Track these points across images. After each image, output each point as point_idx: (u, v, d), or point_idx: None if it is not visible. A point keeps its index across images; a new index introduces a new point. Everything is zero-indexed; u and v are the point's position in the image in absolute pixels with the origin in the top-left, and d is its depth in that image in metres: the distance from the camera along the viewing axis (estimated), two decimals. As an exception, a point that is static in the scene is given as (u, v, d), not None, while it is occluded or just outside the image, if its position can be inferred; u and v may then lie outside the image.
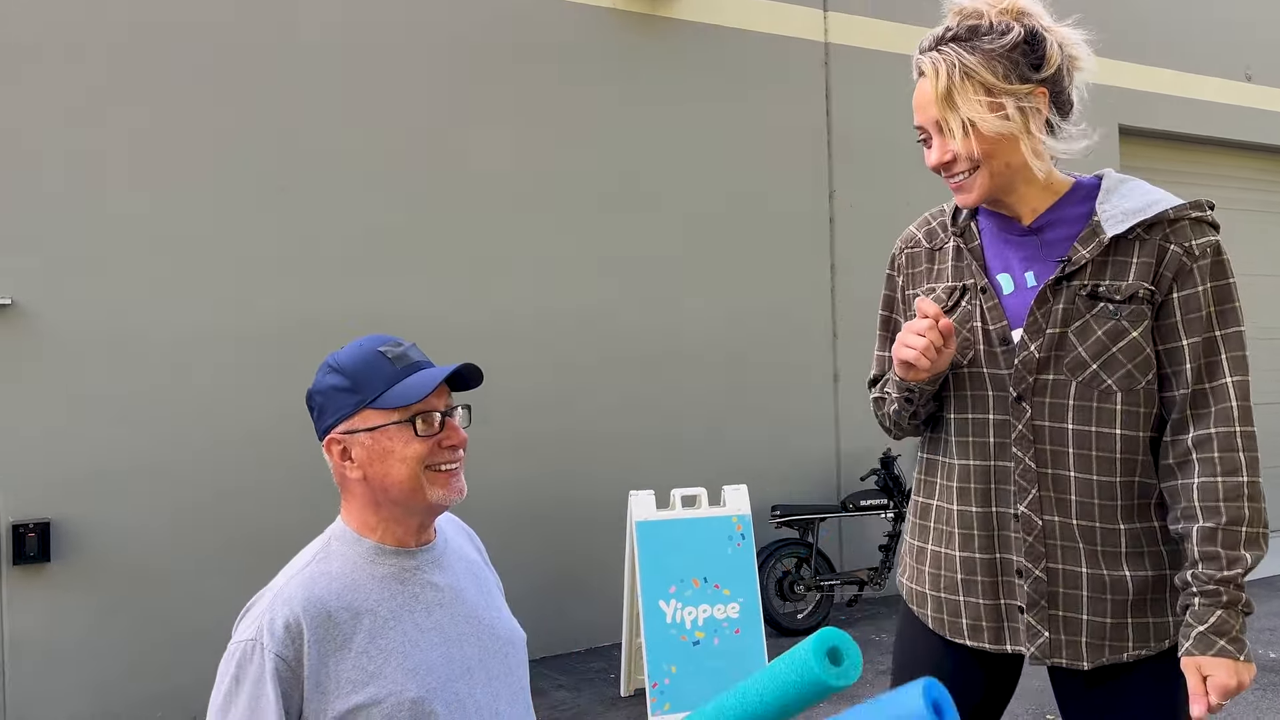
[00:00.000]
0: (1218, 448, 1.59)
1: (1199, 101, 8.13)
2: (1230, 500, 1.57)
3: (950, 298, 1.77)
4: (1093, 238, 1.66)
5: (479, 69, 5.42)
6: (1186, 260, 1.63)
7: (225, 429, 4.76)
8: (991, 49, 1.61)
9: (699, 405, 5.96)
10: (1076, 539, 1.66)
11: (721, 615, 4.55)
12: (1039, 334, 1.66)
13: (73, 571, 4.45)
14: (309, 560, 1.44)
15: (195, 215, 4.76)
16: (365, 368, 1.43)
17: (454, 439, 1.46)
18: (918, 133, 1.71)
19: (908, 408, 1.78)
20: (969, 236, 1.79)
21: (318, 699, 1.32)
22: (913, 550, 1.87)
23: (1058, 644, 1.67)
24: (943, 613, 1.78)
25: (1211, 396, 1.61)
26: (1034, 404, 1.67)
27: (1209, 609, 1.55)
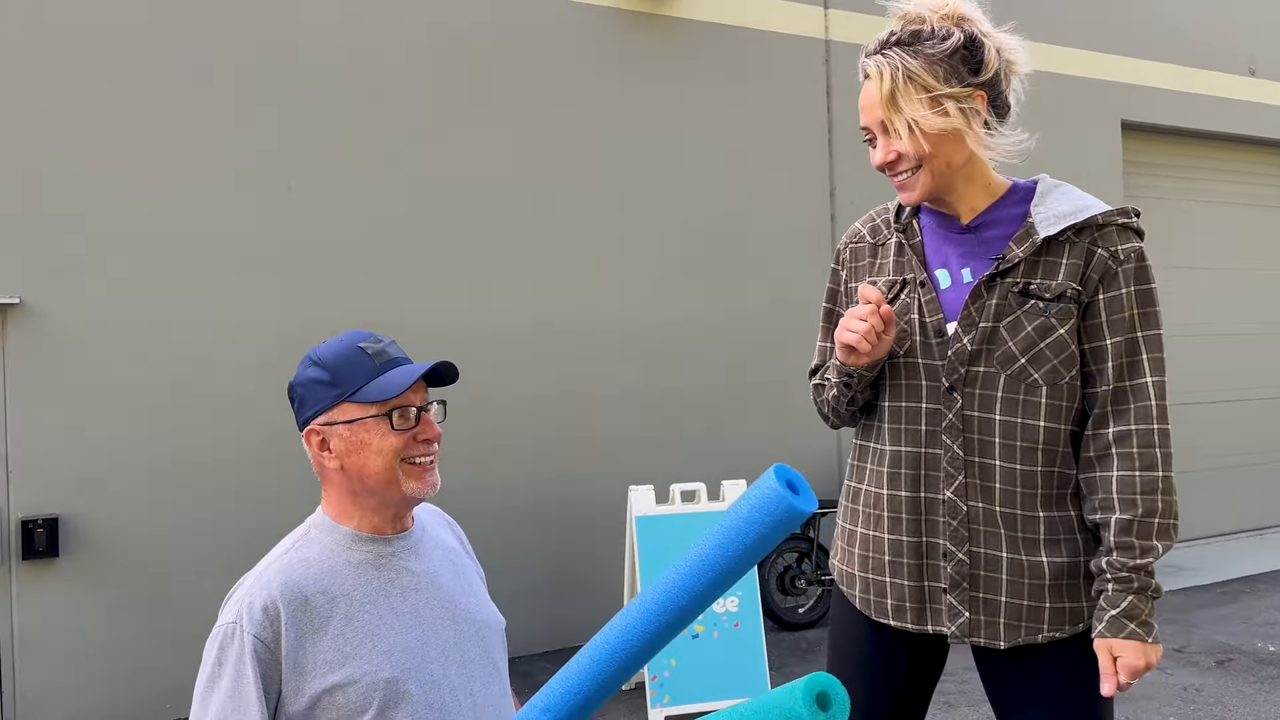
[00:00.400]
0: (1137, 443, 1.68)
1: (1202, 96, 8.13)
2: (1146, 494, 1.67)
3: (890, 291, 1.85)
4: (1026, 238, 1.74)
5: (482, 69, 5.47)
6: (1112, 264, 1.71)
7: (234, 426, 4.82)
8: (933, 53, 1.69)
9: (699, 401, 6.00)
10: (999, 525, 1.74)
11: (721, 609, 4.59)
12: (972, 327, 1.74)
13: (81, 567, 4.52)
14: (288, 547, 1.49)
15: (202, 215, 4.81)
16: (345, 362, 1.48)
17: (429, 433, 1.51)
18: (863, 133, 1.79)
19: (846, 393, 1.85)
20: (911, 233, 1.87)
21: (295, 679, 1.37)
22: (844, 533, 1.94)
23: (977, 624, 1.75)
24: (870, 593, 1.85)
25: (1132, 394, 1.70)
26: (964, 394, 1.75)
27: (1121, 594, 1.65)
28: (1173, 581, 6.84)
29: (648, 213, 5.91)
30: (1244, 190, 8.65)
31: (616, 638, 1.31)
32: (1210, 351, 8.39)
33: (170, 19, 4.77)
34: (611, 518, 5.69)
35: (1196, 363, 8.30)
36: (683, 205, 6.02)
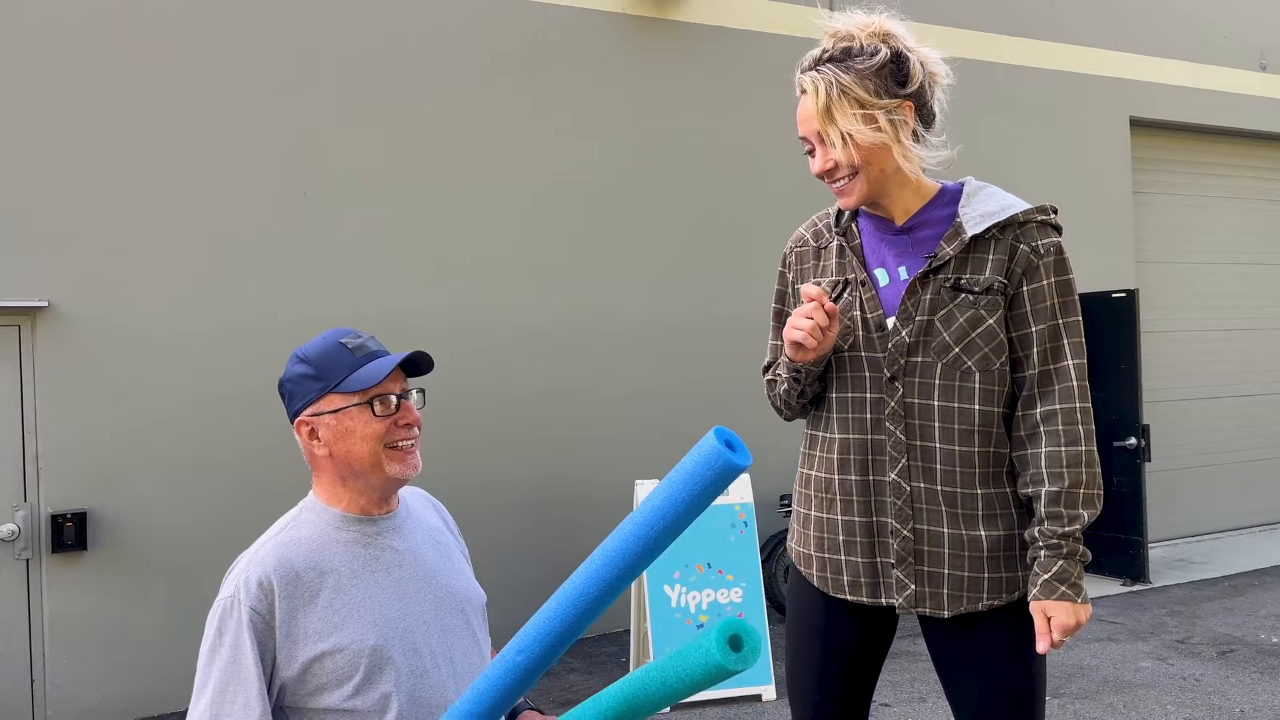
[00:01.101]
0: (1061, 421, 1.83)
1: (1212, 92, 8.14)
2: (1071, 467, 1.81)
3: (834, 290, 1.98)
4: (955, 237, 1.88)
5: (492, 74, 5.60)
6: (1034, 258, 1.86)
7: (254, 422, 4.98)
8: (863, 69, 1.82)
9: (704, 396, 6.11)
10: (940, 503, 1.88)
11: (725, 599, 4.70)
12: (909, 321, 1.88)
13: (108, 559, 4.69)
14: (282, 527, 1.64)
15: (225, 218, 4.98)
16: (328, 357, 1.62)
17: (408, 418, 1.64)
18: (802, 144, 1.91)
19: (796, 387, 1.99)
20: (850, 236, 2.00)
21: (288, 647, 1.52)
22: (798, 516, 2.08)
23: (922, 595, 1.90)
24: (826, 571, 1.99)
25: (1055, 376, 1.85)
26: (905, 383, 1.89)
27: (1053, 559, 1.81)
28: (1181, 575, 6.88)
29: (654, 212, 6.03)
30: (1255, 185, 8.65)
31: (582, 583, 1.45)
32: (1221, 346, 8.40)
33: (197, 30, 4.93)
34: (618, 512, 5.81)
35: (1208, 358, 8.32)
36: (689, 205, 6.13)
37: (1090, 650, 5.24)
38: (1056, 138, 7.47)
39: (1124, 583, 6.61)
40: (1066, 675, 4.85)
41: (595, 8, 5.88)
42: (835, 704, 2.02)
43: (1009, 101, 7.24)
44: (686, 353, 6.08)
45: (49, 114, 4.66)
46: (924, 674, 4.90)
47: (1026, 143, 7.30)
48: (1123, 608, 6.06)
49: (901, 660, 5.12)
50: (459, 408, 5.44)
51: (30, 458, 4.59)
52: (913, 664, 5.05)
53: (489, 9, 5.60)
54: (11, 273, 4.58)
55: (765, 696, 4.62)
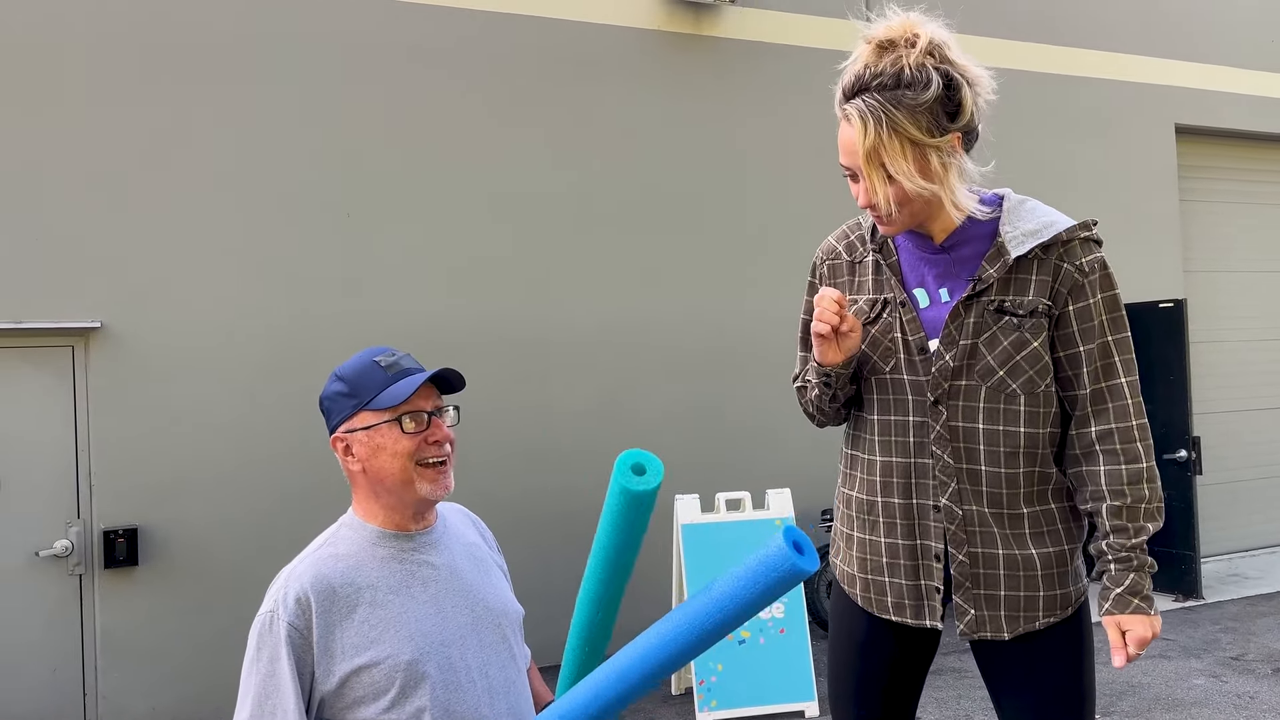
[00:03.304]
0: (1119, 440, 1.82)
1: (1259, 98, 8.00)
2: (1134, 483, 1.81)
3: (872, 309, 1.95)
4: (998, 258, 1.84)
5: (529, 91, 5.66)
6: (1079, 276, 1.83)
7: (300, 437, 5.05)
8: (915, 104, 1.71)
9: (745, 410, 6.09)
10: (991, 525, 1.87)
11: (766, 615, 4.67)
12: (953, 345, 1.85)
13: (159, 574, 4.78)
14: (320, 544, 1.67)
15: (271, 238, 5.07)
16: (361, 375, 1.65)
17: (438, 435, 1.66)
18: (843, 170, 1.84)
19: (827, 391, 1.96)
20: (887, 253, 1.96)
21: (326, 661, 1.54)
22: (841, 535, 2.07)
23: (982, 619, 1.88)
24: (870, 592, 1.97)
25: (1109, 395, 1.84)
26: (949, 407, 1.87)
27: (1124, 573, 1.80)
28: (1235, 590, 6.73)
29: (695, 227, 6.04)
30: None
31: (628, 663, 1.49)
32: (1272, 356, 8.21)
33: (237, 57, 5.05)
34: (658, 526, 5.81)
35: (1258, 368, 8.14)
36: (730, 219, 6.14)
37: (1142, 667, 5.13)
38: (1102, 146, 7.37)
39: (1176, 598, 6.47)
40: (1118, 693, 4.76)
41: (631, 25, 5.92)
42: (877, 718, 2.01)
43: (1054, 111, 7.17)
44: (730, 367, 6.07)
45: (100, 137, 4.78)
46: (969, 691, 4.84)
47: (1072, 152, 7.22)
48: (1175, 624, 5.94)
49: (947, 677, 5.05)
50: (500, 419, 5.47)
51: (84, 475, 4.70)
52: (959, 681, 4.99)
53: (526, 27, 5.66)
54: (66, 294, 4.70)
55: (809, 713, 4.58)
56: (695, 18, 6.07)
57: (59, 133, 4.72)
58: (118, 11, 4.83)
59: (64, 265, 4.70)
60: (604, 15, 5.85)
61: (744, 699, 4.56)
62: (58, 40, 4.73)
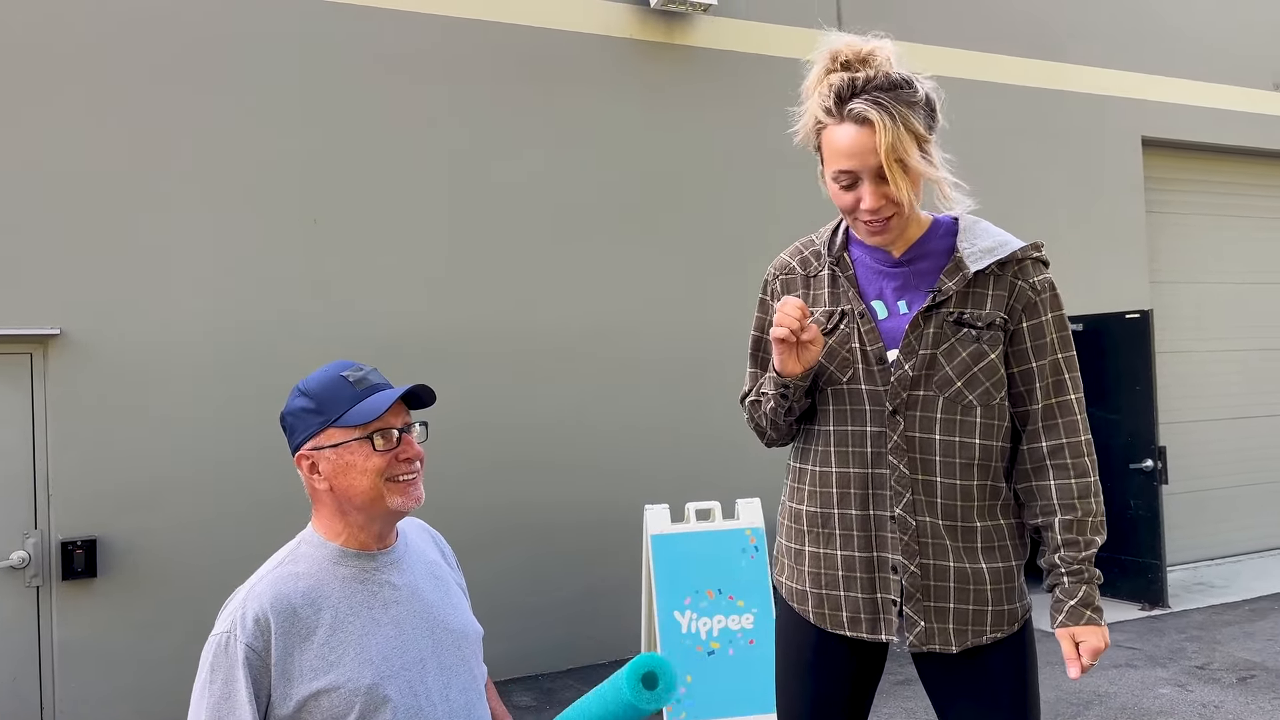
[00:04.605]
0: (1070, 455, 1.89)
1: (1224, 111, 8.11)
2: (1083, 497, 1.88)
3: (829, 321, 1.96)
4: (956, 271, 1.88)
5: (499, 97, 5.63)
6: (1032, 294, 1.90)
7: (265, 449, 4.98)
8: (913, 101, 1.77)
9: (715, 420, 6.08)
10: (944, 537, 1.88)
11: (736, 626, 4.66)
12: (913, 354, 1.88)
13: (118, 586, 4.69)
14: (279, 561, 1.62)
15: (236, 245, 5.00)
16: (329, 391, 1.61)
17: (409, 452, 1.63)
18: (841, 177, 1.82)
19: (784, 404, 1.95)
20: (844, 266, 1.97)
21: (283, 684, 1.50)
22: (789, 552, 2.04)
23: (931, 632, 1.89)
24: (824, 608, 1.96)
25: (1060, 410, 1.90)
26: (907, 417, 1.88)
27: (1077, 585, 1.86)
28: (1200, 599, 6.79)
29: (667, 236, 6.03)
30: (1268, 203, 8.59)
31: None
32: (1237, 366, 8.32)
33: (197, 60, 4.98)
34: (628, 536, 5.79)
35: (1224, 378, 8.24)
36: (703, 228, 6.13)
37: (1108, 677, 5.16)
38: (1069, 158, 7.44)
39: (1142, 607, 6.52)
40: (1084, 703, 4.78)
41: (603, 33, 5.91)
42: None
43: (1022, 123, 7.23)
44: (701, 377, 6.06)
45: (57, 141, 4.70)
46: (938, 701, 4.84)
47: (1040, 164, 7.28)
48: (1141, 633, 5.98)
49: (916, 687, 5.06)
50: (471, 428, 5.43)
51: (41, 485, 4.61)
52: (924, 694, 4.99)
53: (496, 34, 5.63)
54: (23, 300, 4.61)
55: (777, 724, 4.57)
56: (668, 26, 6.06)
57: (14, 138, 4.63)
58: (78, 15, 4.76)
59: (21, 271, 4.61)
60: (575, 23, 5.84)
61: (713, 710, 4.53)
62: (16, 45, 4.64)
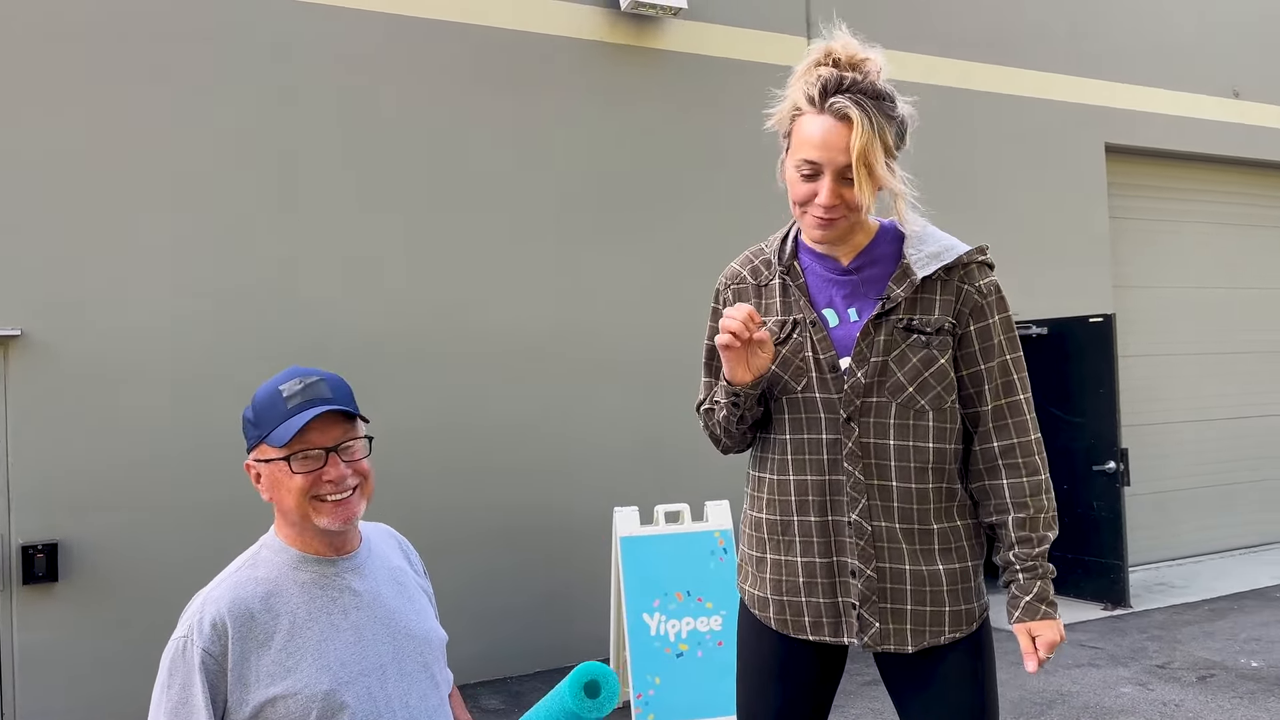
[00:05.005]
0: (1021, 454, 1.93)
1: (1187, 119, 8.25)
2: (1035, 495, 1.92)
3: (782, 330, 1.98)
4: (904, 278, 1.92)
5: (469, 99, 5.62)
6: (979, 298, 1.93)
7: (228, 453, 4.94)
8: (890, 116, 1.81)
9: (684, 423, 6.10)
10: (900, 540, 1.91)
11: (705, 628, 4.67)
12: (865, 362, 1.91)
13: (80, 590, 4.63)
14: (239, 566, 1.62)
15: (202, 246, 4.96)
16: (265, 405, 1.60)
17: (332, 474, 1.59)
18: (805, 166, 1.83)
19: (735, 411, 1.96)
20: (794, 275, 1.99)
21: (239, 690, 1.50)
22: (752, 560, 2.06)
23: (887, 633, 1.92)
24: (786, 614, 1.98)
25: (1010, 411, 1.94)
26: (861, 424, 1.91)
27: (1031, 581, 1.90)
28: (1161, 599, 6.90)
29: (634, 238, 6.04)
30: (1229, 210, 8.74)
31: None
32: (1198, 369, 8.47)
33: (159, 59, 4.94)
34: (597, 539, 5.79)
35: (1185, 381, 8.38)
36: (670, 231, 6.15)
37: (1071, 676, 5.23)
38: (1034, 164, 7.54)
39: (1105, 607, 6.61)
40: (1047, 702, 4.84)
41: (573, 35, 5.91)
42: None
43: (987, 129, 7.31)
44: (670, 379, 6.07)
45: (20, 141, 4.64)
46: (905, 701, 4.88)
47: (1005, 169, 7.37)
48: (1103, 632, 6.06)
49: (882, 688, 5.10)
50: (437, 431, 5.42)
51: (0, 488, 4.54)
52: (893, 691, 5.04)
53: (468, 34, 5.62)
54: (-16, 301, 4.54)
55: (745, 726, 4.59)
56: (638, 29, 6.08)
57: (-21, 134, 4.57)
58: (32, 13, 4.70)
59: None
60: (545, 25, 5.84)
61: (681, 711, 4.55)
62: (-21, 38, 4.58)
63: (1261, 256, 8.90)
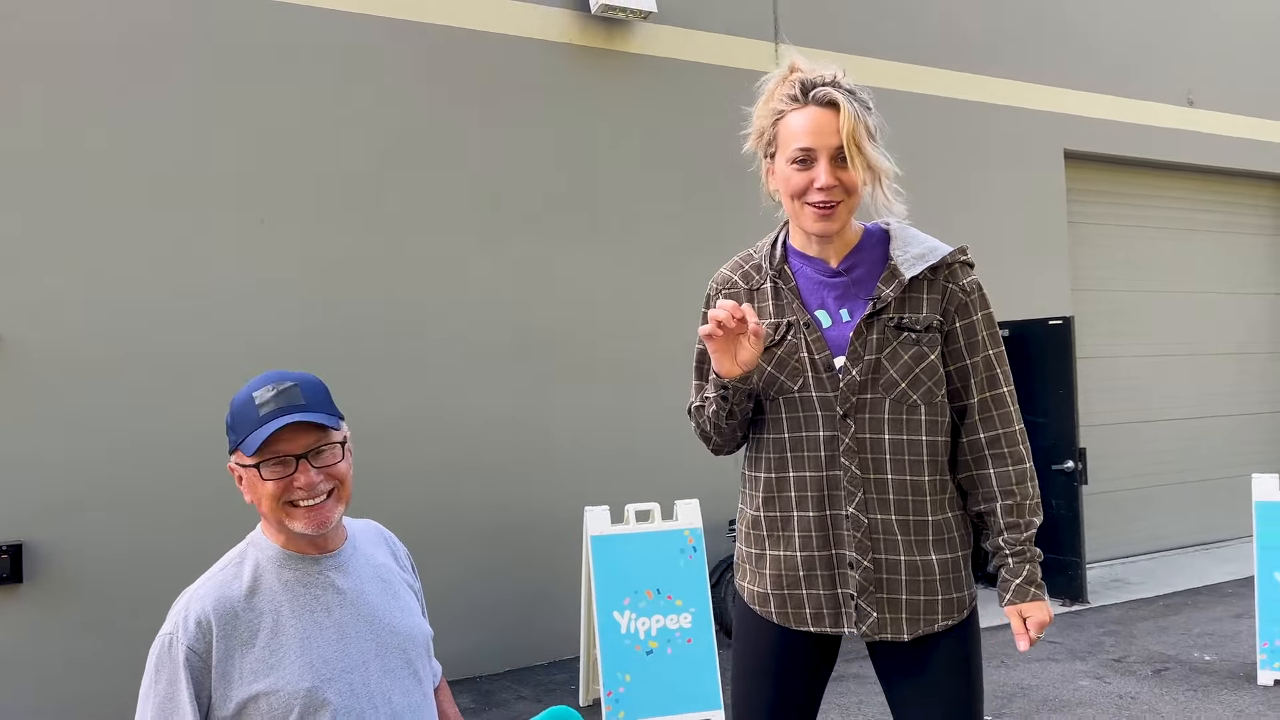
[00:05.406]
0: (1006, 444, 2.03)
1: (1142, 126, 8.44)
2: (1020, 483, 2.02)
3: (777, 332, 2.05)
4: (893, 278, 2.00)
5: (438, 101, 5.63)
6: (963, 296, 2.04)
7: (196, 454, 4.91)
8: (869, 109, 1.96)
9: (654, 422, 6.15)
10: (895, 532, 1.99)
11: (674, 625, 4.72)
12: (859, 360, 1.99)
13: (45, 592, 4.59)
14: (225, 564, 1.65)
15: (176, 246, 4.93)
16: (241, 411, 1.63)
17: (302, 481, 1.62)
18: (800, 154, 1.93)
19: (724, 405, 2.03)
20: (785, 278, 2.07)
21: (223, 687, 1.53)
22: (750, 557, 2.13)
23: (884, 622, 2.00)
24: (786, 607, 2.05)
25: (995, 403, 2.04)
26: (857, 420, 1.99)
27: (1020, 565, 2.00)
28: (1117, 595, 7.06)
29: (604, 238, 6.08)
30: (1183, 215, 8.96)
31: None
32: (1153, 371, 8.67)
33: (137, 55, 4.90)
34: (569, 538, 5.83)
35: (1141, 382, 8.58)
36: (641, 232, 6.20)
37: (1031, 670, 5.35)
38: (994, 169, 7.68)
39: (1063, 603, 6.75)
40: (1008, 695, 4.94)
41: (543, 38, 5.94)
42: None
43: (947, 133, 7.44)
44: (640, 379, 6.12)
45: (-12, 138, 4.59)
46: (870, 696, 4.97)
47: (967, 175, 7.51)
48: (1062, 628, 6.20)
49: (849, 683, 5.18)
50: (410, 429, 5.42)
51: (-36, 488, 4.49)
52: (860, 687, 5.12)
53: (437, 37, 5.64)
54: (-53, 299, 4.49)
55: (714, 721, 4.65)
56: (608, 32, 6.12)
57: (-58, 130, 4.51)
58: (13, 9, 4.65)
59: (-54, 269, 4.49)
60: (516, 27, 5.87)
61: (651, 708, 4.59)
62: (-58, 33, 4.53)
63: (1213, 261, 9.12)
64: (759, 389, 2.06)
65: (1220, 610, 6.54)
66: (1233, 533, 8.96)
